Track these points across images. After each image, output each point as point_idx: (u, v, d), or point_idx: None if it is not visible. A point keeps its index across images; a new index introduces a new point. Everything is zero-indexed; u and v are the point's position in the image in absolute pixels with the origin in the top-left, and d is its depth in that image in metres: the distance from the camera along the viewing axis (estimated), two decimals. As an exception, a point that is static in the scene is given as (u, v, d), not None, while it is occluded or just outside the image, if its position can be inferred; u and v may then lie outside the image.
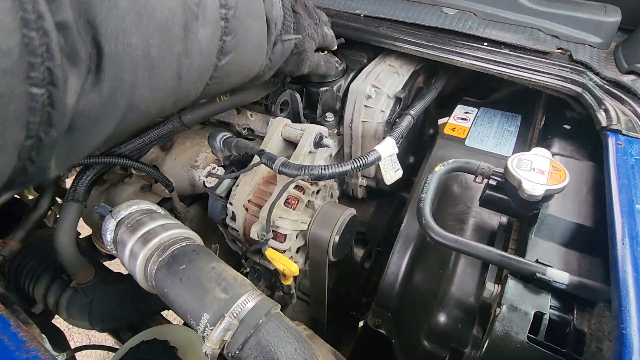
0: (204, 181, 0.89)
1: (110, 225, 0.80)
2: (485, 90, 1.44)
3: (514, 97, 1.16)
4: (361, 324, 1.37)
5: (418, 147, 1.35)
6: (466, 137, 0.93)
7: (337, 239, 0.82)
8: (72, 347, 1.12)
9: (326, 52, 0.99)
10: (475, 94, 1.20)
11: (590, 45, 0.99)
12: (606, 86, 0.83)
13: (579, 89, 0.82)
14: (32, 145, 0.36)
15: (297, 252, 0.89)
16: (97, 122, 0.44)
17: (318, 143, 0.86)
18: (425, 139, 1.39)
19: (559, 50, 0.95)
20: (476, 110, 1.04)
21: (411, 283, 0.78)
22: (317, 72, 0.91)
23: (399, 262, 0.83)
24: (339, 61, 0.99)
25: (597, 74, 0.86)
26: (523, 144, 0.91)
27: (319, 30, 0.87)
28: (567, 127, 0.85)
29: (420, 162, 1.29)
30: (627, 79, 0.84)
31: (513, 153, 0.89)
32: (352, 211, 0.88)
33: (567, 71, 0.86)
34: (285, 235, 0.81)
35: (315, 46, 0.86)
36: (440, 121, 1.58)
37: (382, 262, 1.32)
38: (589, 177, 0.70)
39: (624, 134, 0.70)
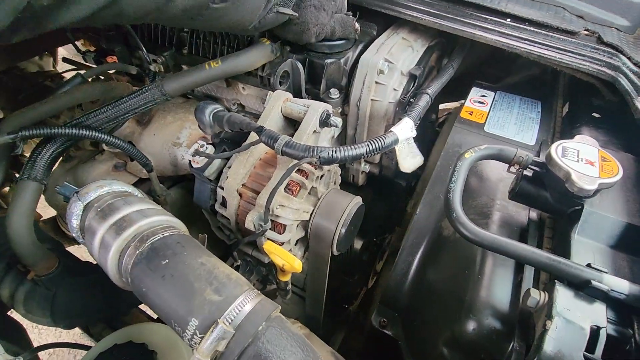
0: (190, 161, 0.76)
1: (76, 209, 0.67)
2: (490, 77, 1.37)
3: (528, 83, 1.08)
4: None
5: (421, 133, 1.27)
6: (485, 123, 0.85)
7: (343, 231, 0.73)
8: (37, 341, 0.99)
9: None
10: (480, 80, 1.11)
11: (617, 29, 0.91)
12: (641, 72, 0.76)
13: (612, 73, 0.75)
14: None
15: (295, 244, 0.80)
16: None
17: (324, 121, 0.75)
18: (427, 123, 1.30)
19: (586, 32, 0.88)
20: (493, 93, 0.96)
21: (425, 282, 0.70)
22: (331, 38, 0.84)
23: (409, 259, 0.75)
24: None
25: (629, 58, 0.79)
26: (546, 132, 0.84)
27: None
28: (596, 115, 0.79)
29: (424, 149, 1.21)
30: (661, 66, 0.78)
31: (536, 141, 0.82)
32: (358, 200, 0.79)
33: (600, 53, 0.79)
34: (285, 225, 0.71)
35: (329, 16, 0.80)
36: (442, 106, 1.50)
37: (375, 252, 1.26)
38: (632, 171, 0.64)
39: (667, 124, 0.63)
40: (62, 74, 1.58)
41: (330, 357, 0.79)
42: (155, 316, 1.07)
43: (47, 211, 1.29)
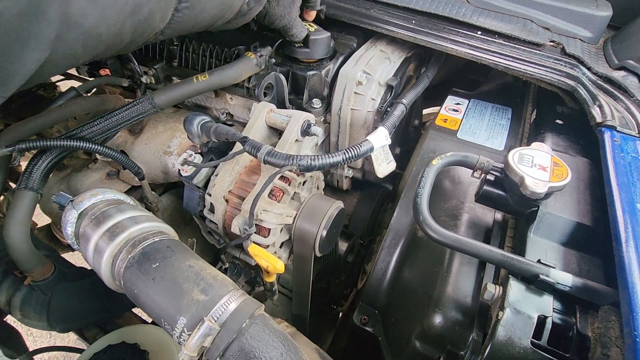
0: (179, 169, 0.81)
1: (71, 216, 0.71)
2: (469, 82, 1.43)
3: (502, 90, 1.14)
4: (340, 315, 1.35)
5: (404, 138, 1.32)
6: (458, 129, 0.91)
7: (324, 233, 0.77)
8: (31, 347, 1.02)
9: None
10: (459, 86, 1.17)
11: (581, 40, 0.98)
12: (599, 81, 0.82)
13: (572, 83, 0.81)
14: None
15: (280, 246, 0.84)
16: (23, 38, 0.35)
17: (305, 131, 0.80)
18: (410, 129, 1.36)
19: (552, 43, 0.94)
20: (467, 101, 1.01)
21: (401, 280, 0.75)
22: (289, 30, 0.85)
23: (387, 259, 0.79)
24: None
25: (589, 68, 0.85)
26: (515, 137, 0.89)
27: None
28: (559, 121, 0.84)
29: (406, 153, 1.26)
30: (618, 75, 0.84)
31: (505, 147, 0.87)
32: (339, 204, 0.83)
33: (561, 64, 0.84)
34: (269, 229, 0.76)
35: None
36: (426, 111, 1.56)
37: (363, 254, 1.30)
38: (585, 174, 0.69)
39: (618, 131, 0.69)
40: (56, 83, 1.61)
41: (314, 354, 0.83)
42: (147, 319, 1.10)
43: (41, 219, 1.32)
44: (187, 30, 0.61)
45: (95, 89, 1.20)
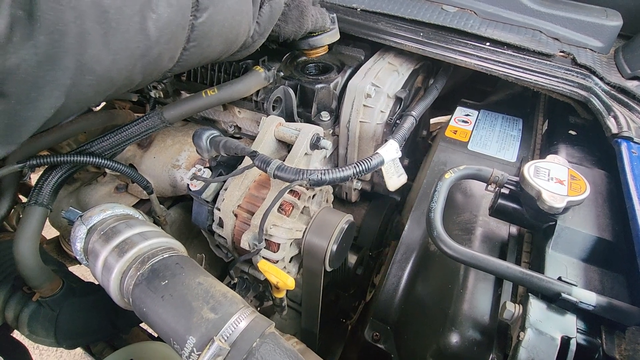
0: (188, 184, 0.80)
1: (80, 232, 0.71)
2: (478, 93, 1.42)
3: (512, 100, 1.13)
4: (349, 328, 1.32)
5: (412, 149, 1.31)
6: (468, 141, 0.89)
7: (334, 248, 0.76)
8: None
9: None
10: (466, 95, 1.16)
11: (591, 50, 0.97)
12: (612, 92, 0.81)
13: (585, 94, 0.79)
14: None
15: (290, 261, 0.83)
16: (39, 86, 0.36)
17: (315, 144, 0.79)
18: (418, 140, 1.35)
19: (562, 53, 0.93)
20: (477, 112, 1.00)
21: (414, 296, 0.73)
22: (316, 27, 0.85)
23: (399, 273, 0.78)
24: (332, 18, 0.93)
25: (601, 78, 0.84)
26: (527, 149, 0.88)
27: None
28: (573, 132, 0.83)
29: (415, 164, 1.25)
30: (632, 85, 0.82)
31: (517, 158, 0.86)
32: (349, 217, 0.82)
33: (573, 75, 0.83)
34: (279, 244, 0.75)
35: (312, 3, 0.81)
36: (433, 121, 1.55)
37: (372, 266, 1.28)
38: (603, 186, 0.67)
39: (635, 142, 0.67)
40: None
41: (325, 371, 0.81)
42: (155, 334, 1.09)
43: (50, 231, 1.33)
44: (193, 66, 0.63)
45: (105, 104, 1.22)
